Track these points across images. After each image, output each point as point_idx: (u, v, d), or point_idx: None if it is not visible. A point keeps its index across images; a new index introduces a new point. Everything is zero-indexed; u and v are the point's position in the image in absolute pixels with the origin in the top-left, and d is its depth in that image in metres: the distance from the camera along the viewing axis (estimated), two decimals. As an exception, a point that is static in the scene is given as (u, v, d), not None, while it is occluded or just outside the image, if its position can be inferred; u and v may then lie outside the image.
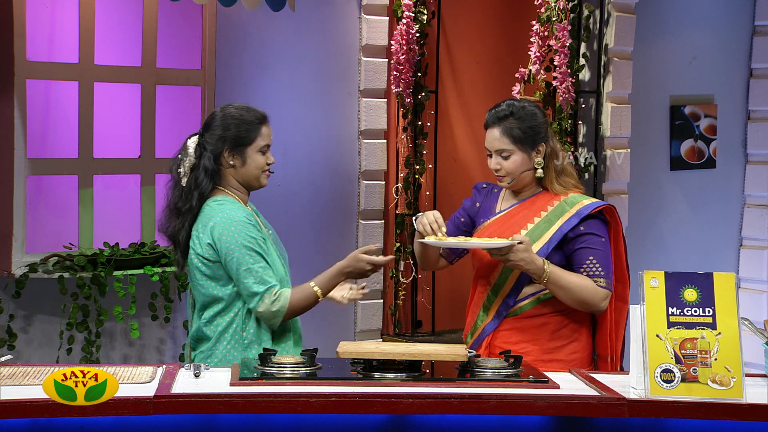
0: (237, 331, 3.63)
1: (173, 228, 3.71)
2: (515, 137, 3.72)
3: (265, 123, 3.75)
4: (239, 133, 3.68)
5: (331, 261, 5.71)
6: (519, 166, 3.74)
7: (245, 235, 3.58)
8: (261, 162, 3.71)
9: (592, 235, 3.69)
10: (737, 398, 2.96)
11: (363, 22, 5.67)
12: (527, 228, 3.73)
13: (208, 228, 3.61)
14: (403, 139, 5.76)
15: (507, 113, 3.74)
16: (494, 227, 3.81)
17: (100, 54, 5.13)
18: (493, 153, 3.76)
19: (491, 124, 3.76)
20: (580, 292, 3.65)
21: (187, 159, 3.69)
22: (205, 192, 3.66)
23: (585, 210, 3.71)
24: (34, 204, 5.11)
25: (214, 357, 3.63)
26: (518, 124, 3.73)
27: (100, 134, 5.19)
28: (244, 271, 3.56)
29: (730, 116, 6.68)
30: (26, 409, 2.79)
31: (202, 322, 3.67)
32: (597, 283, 3.67)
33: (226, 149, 3.67)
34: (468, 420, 2.99)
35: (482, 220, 3.88)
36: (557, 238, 3.69)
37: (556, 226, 3.70)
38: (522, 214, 3.78)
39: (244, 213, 3.63)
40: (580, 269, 3.68)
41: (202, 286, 3.65)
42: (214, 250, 3.59)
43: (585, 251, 3.69)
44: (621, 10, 6.05)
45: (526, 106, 3.78)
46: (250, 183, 3.73)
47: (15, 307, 4.93)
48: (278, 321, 3.60)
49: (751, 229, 6.72)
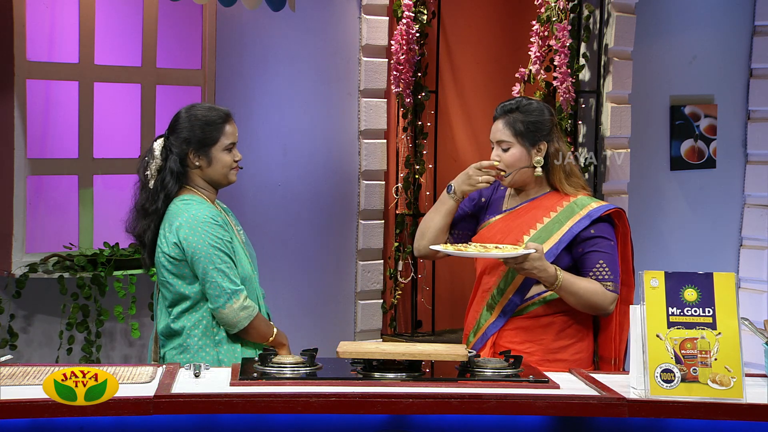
0: (208, 327, 3.66)
1: (140, 228, 3.75)
2: (516, 130, 3.73)
3: (229, 121, 3.74)
4: (203, 134, 3.69)
5: (331, 261, 5.75)
6: (517, 160, 3.74)
7: (211, 235, 3.60)
8: (227, 160, 3.73)
9: (602, 239, 3.70)
10: (737, 398, 2.96)
11: (363, 22, 5.67)
12: (536, 228, 3.72)
13: (174, 227, 3.64)
14: (403, 139, 5.76)
15: (514, 107, 3.76)
16: (501, 224, 3.80)
17: (100, 54, 5.13)
18: (495, 144, 3.77)
19: (497, 115, 3.79)
20: (591, 297, 3.66)
21: (154, 161, 3.73)
22: (171, 193, 3.70)
23: (596, 212, 3.71)
24: (34, 204, 5.11)
25: (187, 353, 3.66)
26: (522, 118, 3.74)
27: (100, 134, 5.19)
28: (211, 270, 3.59)
29: (730, 116, 6.68)
30: (26, 409, 2.79)
31: (171, 319, 3.70)
32: (606, 287, 3.67)
33: (191, 150, 3.70)
34: (468, 420, 2.99)
35: (488, 216, 3.87)
36: (567, 239, 3.69)
37: (566, 227, 3.70)
38: (531, 214, 3.77)
39: (211, 212, 3.65)
40: (590, 272, 3.69)
41: (170, 284, 3.68)
42: (180, 249, 3.62)
43: (595, 254, 3.69)
44: (621, 10, 6.05)
45: (534, 103, 3.79)
46: (218, 181, 3.75)
47: (15, 307, 4.93)
48: (236, 329, 3.62)
49: (751, 229, 6.72)
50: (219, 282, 3.58)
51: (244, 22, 5.36)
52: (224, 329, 3.66)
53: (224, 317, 3.61)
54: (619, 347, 3.77)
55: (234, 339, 3.67)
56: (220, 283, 3.58)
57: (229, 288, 3.59)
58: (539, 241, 3.69)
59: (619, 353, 3.77)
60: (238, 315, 3.60)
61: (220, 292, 3.59)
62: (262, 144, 5.41)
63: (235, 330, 3.63)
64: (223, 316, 3.61)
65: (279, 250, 5.44)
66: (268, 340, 3.68)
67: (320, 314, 5.66)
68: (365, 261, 5.77)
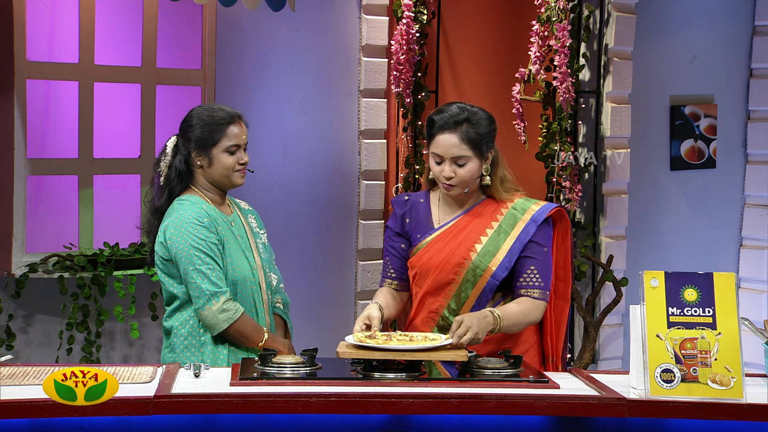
0: (194, 328, 3.66)
1: (148, 226, 3.79)
2: (474, 142, 3.56)
3: (235, 122, 3.72)
4: (203, 134, 3.69)
5: (331, 261, 5.75)
6: (474, 173, 3.59)
7: (193, 236, 3.60)
8: (228, 162, 3.71)
9: (535, 245, 3.62)
10: (737, 398, 2.96)
11: (363, 22, 5.67)
12: (481, 242, 3.61)
13: (162, 227, 3.67)
14: (403, 139, 5.76)
15: (463, 118, 3.57)
16: (441, 243, 3.66)
17: (100, 54, 5.13)
18: (447, 160, 3.57)
19: (446, 128, 3.55)
20: (527, 317, 3.58)
21: (165, 159, 3.76)
22: (175, 192, 3.72)
23: (540, 216, 3.63)
24: (34, 204, 5.11)
25: (173, 352, 3.67)
26: (475, 130, 3.56)
27: (100, 134, 5.20)
28: (191, 271, 3.59)
29: (730, 116, 6.67)
30: (26, 409, 2.79)
31: (165, 317, 3.73)
32: (531, 295, 3.59)
33: (194, 150, 3.71)
34: (468, 420, 2.99)
35: (419, 236, 3.70)
36: (518, 249, 3.60)
37: (513, 236, 3.61)
38: (471, 226, 3.64)
39: (197, 213, 3.64)
40: (519, 278, 3.61)
41: (163, 283, 3.71)
42: (166, 248, 3.64)
43: (527, 261, 3.61)
44: (621, 10, 6.04)
45: (478, 111, 3.62)
46: (220, 183, 3.75)
47: (15, 307, 4.93)
48: (216, 331, 3.61)
49: (751, 229, 6.72)
50: (198, 283, 3.58)
51: (244, 22, 5.36)
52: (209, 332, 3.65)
53: (204, 318, 3.61)
54: (555, 343, 3.71)
55: (220, 342, 3.65)
56: (199, 284, 3.58)
57: (209, 290, 3.58)
58: (489, 255, 3.58)
59: (556, 350, 3.71)
60: (217, 317, 3.58)
61: (200, 293, 3.59)
62: (262, 144, 5.41)
63: (215, 332, 3.61)
64: (203, 318, 3.61)
65: (279, 250, 5.42)
66: (257, 345, 3.64)
67: (320, 314, 5.65)
68: (365, 261, 5.77)
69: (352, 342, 3.29)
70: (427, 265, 3.65)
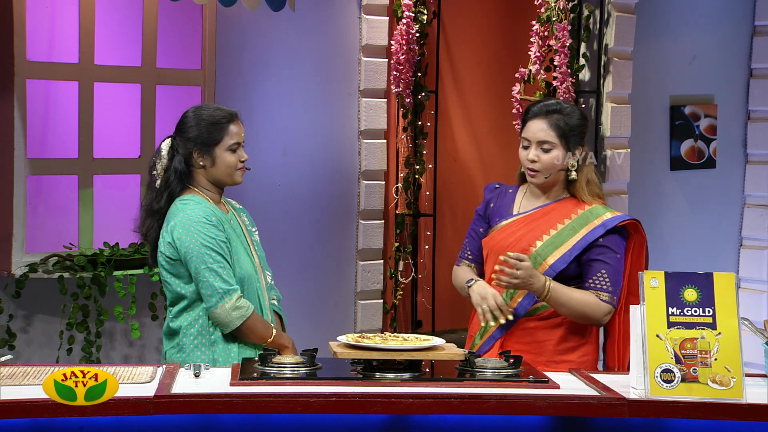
0: (204, 327, 3.66)
1: (145, 228, 3.78)
2: (561, 132, 3.71)
3: (234, 121, 3.75)
4: (206, 133, 3.71)
5: (331, 261, 5.75)
6: (557, 161, 3.72)
7: (204, 235, 3.61)
8: (231, 160, 3.73)
9: (608, 250, 3.69)
10: (737, 398, 2.96)
11: (363, 22, 5.67)
12: (550, 234, 3.72)
13: (169, 227, 3.66)
14: (403, 139, 5.76)
15: (556, 108, 3.74)
16: (514, 228, 3.79)
17: (100, 54, 5.13)
18: (534, 144, 3.73)
19: (538, 115, 3.74)
20: (582, 307, 3.66)
21: (160, 161, 3.76)
22: (174, 193, 3.73)
23: (611, 222, 3.71)
24: (34, 204, 5.11)
25: (182, 352, 3.67)
26: (565, 120, 3.72)
27: (100, 134, 5.19)
28: (203, 270, 3.60)
29: (730, 116, 6.68)
30: (26, 409, 2.79)
31: (170, 317, 3.73)
32: (599, 296, 3.67)
33: (195, 150, 3.72)
34: (468, 420, 2.99)
35: (497, 220, 3.85)
36: (581, 247, 3.69)
37: (580, 235, 3.70)
38: (546, 218, 3.76)
39: (205, 212, 3.65)
40: (589, 280, 3.69)
41: (168, 284, 3.70)
42: (175, 248, 3.64)
43: (598, 264, 3.69)
44: (621, 10, 6.05)
45: (571, 106, 3.79)
46: (222, 182, 3.77)
47: (15, 307, 4.93)
48: (229, 329, 3.63)
49: (751, 229, 6.72)
50: (211, 281, 3.59)
51: (244, 22, 5.36)
52: (220, 330, 3.66)
53: (217, 317, 3.62)
54: (622, 356, 3.75)
55: (230, 340, 3.67)
56: (212, 282, 3.59)
57: (221, 288, 3.59)
58: (552, 247, 3.69)
59: (622, 362, 3.75)
60: (231, 315, 3.60)
61: (212, 291, 3.59)
62: (262, 144, 5.41)
63: (228, 330, 3.63)
64: (216, 316, 3.62)
65: (279, 250, 5.44)
66: (266, 341, 3.68)
67: (320, 314, 5.65)
68: (365, 261, 5.77)
69: (344, 342, 3.29)
70: (497, 247, 3.77)
